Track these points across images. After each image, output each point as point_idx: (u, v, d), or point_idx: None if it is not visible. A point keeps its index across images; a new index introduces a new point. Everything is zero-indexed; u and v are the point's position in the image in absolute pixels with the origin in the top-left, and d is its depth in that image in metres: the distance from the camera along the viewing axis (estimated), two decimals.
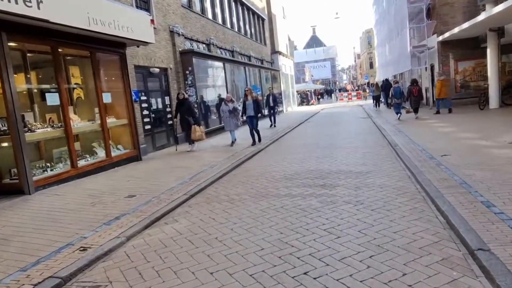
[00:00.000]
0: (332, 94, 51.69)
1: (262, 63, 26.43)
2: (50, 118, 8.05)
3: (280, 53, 31.13)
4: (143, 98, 11.65)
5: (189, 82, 13.83)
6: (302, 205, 5.08)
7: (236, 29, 21.51)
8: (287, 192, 5.87)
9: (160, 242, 4.24)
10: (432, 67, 18.78)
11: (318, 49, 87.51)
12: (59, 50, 7.87)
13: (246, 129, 12.67)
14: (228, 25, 20.15)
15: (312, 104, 42.58)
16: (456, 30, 14.26)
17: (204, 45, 16.38)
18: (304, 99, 45.72)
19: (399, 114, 15.15)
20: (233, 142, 11.69)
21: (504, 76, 16.39)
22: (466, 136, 9.16)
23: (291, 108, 34.37)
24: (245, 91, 12.04)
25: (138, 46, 10.28)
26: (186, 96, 11.33)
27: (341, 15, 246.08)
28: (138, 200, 5.94)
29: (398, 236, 3.79)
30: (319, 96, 44.53)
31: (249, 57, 23.15)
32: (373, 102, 26.04)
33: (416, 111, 14.92)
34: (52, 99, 7.47)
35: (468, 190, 4.88)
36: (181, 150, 11.36)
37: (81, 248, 4.09)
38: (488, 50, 14.34)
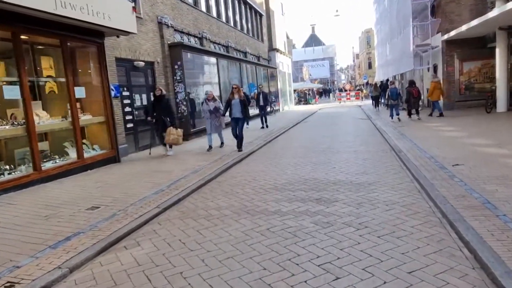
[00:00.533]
0: (330, 94, 50.78)
1: (258, 60, 25.51)
2: (13, 114, 7.12)
3: (277, 50, 30.22)
4: (125, 93, 10.71)
5: (178, 78, 12.90)
6: (293, 227, 4.19)
7: (232, 24, 20.57)
8: (276, 207, 4.98)
9: (111, 276, 3.34)
10: (435, 67, 17.94)
11: (317, 48, 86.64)
12: (23, 37, 6.94)
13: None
14: (223, 19, 19.21)
15: (315, 102, 41.70)
16: (464, 28, 13.41)
17: (196, 39, 15.45)
18: (301, 98, 44.86)
19: (396, 116, 14.77)
20: (210, 147, 10.27)
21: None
22: (476, 143, 8.30)
23: (288, 107, 33.48)
24: (232, 88, 10.22)
25: (118, 36, 9.35)
26: (164, 92, 9.91)
27: (341, 14, 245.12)
28: (101, 214, 5.03)
29: (416, 280, 2.91)
30: (318, 95, 43.58)
31: (245, 53, 22.23)
32: (372, 102, 25.71)
33: (417, 112, 14.61)
34: (11, 92, 6.54)
35: (494, 213, 4.01)
36: (156, 154, 10.04)
37: (6, 285, 3.18)
38: (497, 50, 13.49)
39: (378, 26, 33.25)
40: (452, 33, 14.84)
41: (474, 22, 12.41)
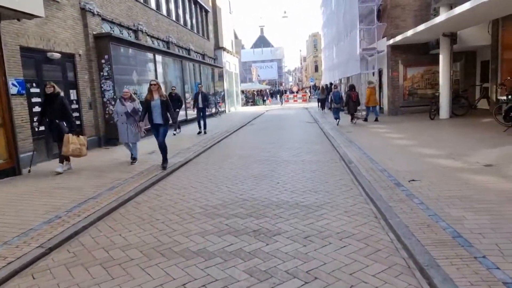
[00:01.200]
0: (278, 95, 50.61)
1: (203, 58, 24.16)
2: None
3: (224, 49, 29.05)
4: (35, 90, 8.93)
5: (105, 74, 11.24)
6: (218, 282, 3.06)
7: (174, 18, 19.04)
8: (202, 245, 3.82)
9: None
10: (380, 72, 17.89)
11: (265, 50, 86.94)
12: None
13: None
14: (164, 11, 17.64)
15: (269, 103, 40.96)
16: (409, 32, 13.23)
17: (130, 31, 13.80)
18: (249, 99, 44.10)
19: (337, 120, 14.89)
20: (135, 159, 8.42)
21: (453, 85, 15.86)
22: (428, 153, 7.79)
23: (234, 109, 32.45)
24: (150, 85, 7.65)
25: (19, 20, 7.60)
26: (58, 89, 7.61)
27: (289, 18, 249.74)
28: None
29: None
30: (265, 97, 43.07)
31: (188, 51, 20.79)
32: (318, 104, 25.61)
33: (353, 116, 14.87)
34: None
35: (471, 254, 3.20)
36: (44, 171, 7.64)
37: None
38: (441, 57, 13.49)
39: (325, 29, 33.42)
40: (398, 37, 14.70)
41: (421, 27, 12.22)
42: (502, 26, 12.58)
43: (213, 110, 24.18)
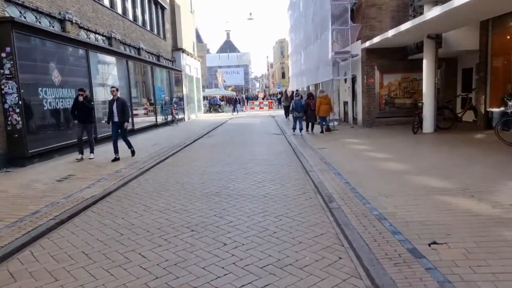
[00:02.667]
0: (242, 102, 48.41)
1: (158, 59, 21.52)
2: None
3: (184, 51, 26.51)
4: None
5: (7, 72, 8.48)
6: None
7: (120, 11, 16.36)
8: None
9: None
10: (354, 78, 16.11)
11: (231, 55, 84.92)
12: None
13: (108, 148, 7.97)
14: (106, 2, 14.95)
15: (244, 110, 38.04)
16: (391, 32, 11.44)
17: (53, 20, 11.04)
18: (212, 105, 41.59)
19: (296, 130, 14.21)
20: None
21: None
22: (435, 186, 5.77)
23: (195, 116, 29.88)
24: None
25: None
26: None
27: (256, 23, 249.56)
28: None
29: None
30: (228, 104, 40.73)
31: (138, 50, 18.12)
32: (284, 112, 24.46)
33: (312, 126, 14.31)
34: None
35: None
36: None
37: None
38: (425, 62, 11.80)
39: (292, 34, 31.73)
40: (376, 39, 12.92)
41: (406, 25, 10.42)
42: (492, 30, 11.08)
43: (169, 118, 21.56)
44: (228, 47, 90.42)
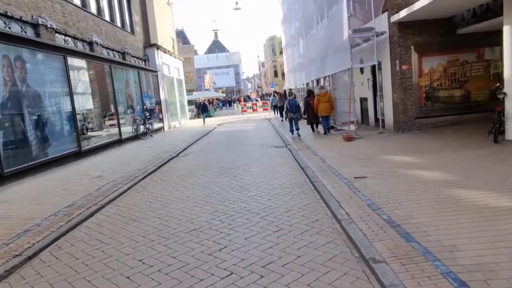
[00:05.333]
0: (235, 104, 44.16)
1: (123, 57, 17.22)
2: None
3: (159, 47, 22.21)
4: None
5: None
6: None
7: None
8: None
9: None
10: (375, 67, 11.90)
11: (220, 55, 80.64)
12: None
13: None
14: None
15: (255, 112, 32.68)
16: None
17: None
18: (200, 110, 37.17)
19: (295, 132, 12.90)
20: None
21: (491, 82, 10.25)
22: None
23: (178, 123, 25.58)
24: None
25: None
26: None
27: (245, 22, 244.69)
28: None
29: None
30: (216, 106, 36.39)
31: (89, 44, 13.81)
32: (277, 113, 23.11)
33: (316, 125, 13.25)
34: None
35: None
36: None
37: None
38: (506, 29, 7.62)
39: (286, 24, 27.50)
40: (418, 4, 8.73)
41: None
42: None
43: (141, 130, 17.24)
44: (216, 47, 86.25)
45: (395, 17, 10.06)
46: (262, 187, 6.56)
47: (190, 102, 36.76)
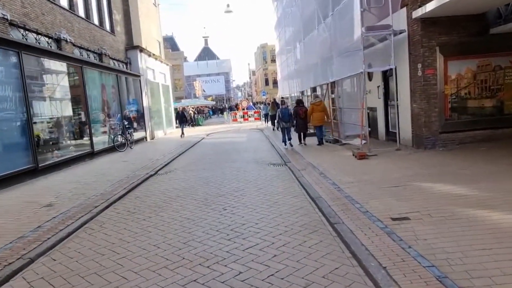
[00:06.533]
0: (225, 113, 42.32)
1: (100, 58, 15.30)
2: None
3: (143, 50, 20.33)
4: None
5: None
6: None
7: None
8: None
9: None
10: (388, 72, 10.22)
11: (211, 62, 78.98)
12: None
13: None
14: None
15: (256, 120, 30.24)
16: None
17: None
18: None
19: (288, 142, 12.40)
20: None
21: None
22: None
23: (163, 133, 23.61)
24: None
25: None
26: None
27: (236, 29, 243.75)
28: None
29: None
30: (205, 114, 34.50)
31: (56, 40, 11.88)
32: (269, 121, 22.34)
33: (304, 137, 12.79)
34: None
35: None
36: None
37: None
38: None
39: (280, 29, 25.89)
40: None
41: None
42: None
43: (119, 141, 15.26)
44: (206, 54, 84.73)
45: (418, 12, 8.40)
46: (262, 230, 4.70)
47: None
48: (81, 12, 14.35)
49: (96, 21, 15.77)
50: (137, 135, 18.28)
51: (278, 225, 4.84)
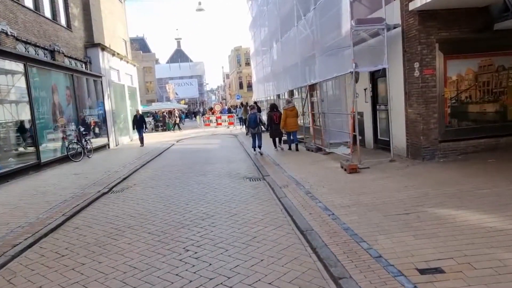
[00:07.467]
0: (197, 117, 40.57)
1: (52, 56, 13.42)
2: None
3: (105, 48, 18.46)
4: None
5: None
6: None
7: None
8: None
9: None
10: (375, 75, 9.08)
11: (183, 65, 76.81)
12: None
13: None
14: None
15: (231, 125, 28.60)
16: None
17: None
18: (159, 122, 33.36)
19: (259, 147, 11.68)
20: None
21: None
22: None
23: (129, 139, 21.72)
24: None
25: None
26: None
27: (209, 32, 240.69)
28: None
29: None
30: (177, 119, 32.74)
31: None
32: (242, 125, 22.06)
33: (280, 141, 12.42)
34: None
35: None
36: None
37: None
38: None
39: (255, 29, 24.64)
40: None
41: None
42: None
43: (74, 149, 13.40)
44: (179, 56, 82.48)
45: (417, 3, 7.27)
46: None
47: (148, 114, 32.87)
48: (28, 2, 12.48)
49: (48, 14, 13.87)
50: (98, 142, 16.43)
51: (259, 281, 3.43)
